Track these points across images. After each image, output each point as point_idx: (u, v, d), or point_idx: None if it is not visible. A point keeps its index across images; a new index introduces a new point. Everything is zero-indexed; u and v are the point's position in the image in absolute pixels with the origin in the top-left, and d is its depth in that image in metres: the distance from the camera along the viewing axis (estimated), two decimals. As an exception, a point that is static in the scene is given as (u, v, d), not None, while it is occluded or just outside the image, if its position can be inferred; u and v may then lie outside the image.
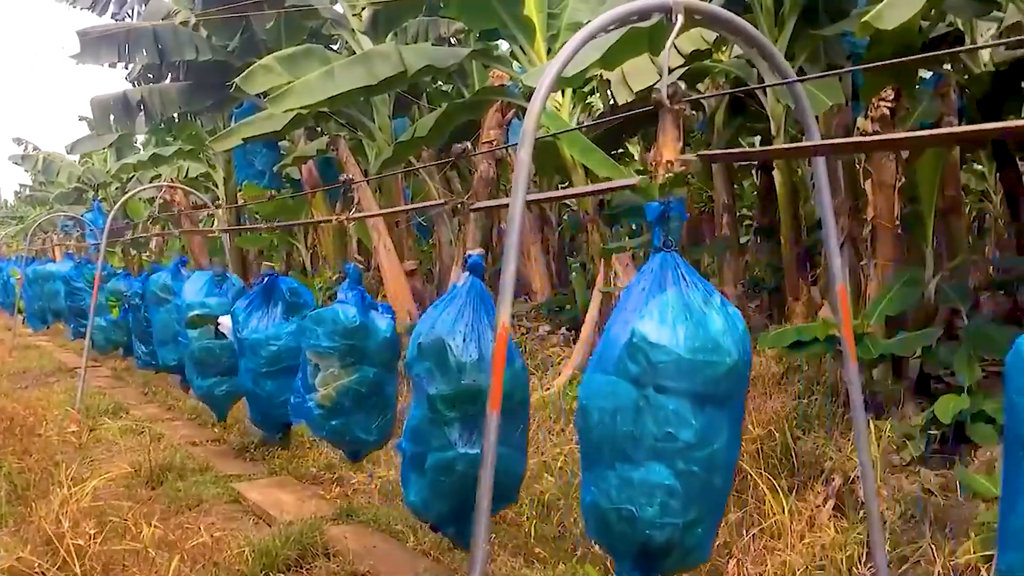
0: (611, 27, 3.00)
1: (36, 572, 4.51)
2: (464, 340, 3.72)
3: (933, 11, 6.27)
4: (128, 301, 9.79)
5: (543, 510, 5.45)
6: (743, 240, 12.65)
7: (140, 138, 19.70)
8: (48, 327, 16.14)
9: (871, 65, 4.50)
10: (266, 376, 5.92)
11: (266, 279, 6.01)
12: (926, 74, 7.81)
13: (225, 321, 6.49)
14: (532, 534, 5.22)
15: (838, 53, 6.98)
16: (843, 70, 6.38)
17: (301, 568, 4.89)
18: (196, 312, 7.03)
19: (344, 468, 6.68)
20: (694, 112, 10.76)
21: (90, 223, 16.78)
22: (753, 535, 4.64)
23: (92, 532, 4.70)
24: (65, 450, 7.07)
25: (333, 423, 5.02)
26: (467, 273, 3.91)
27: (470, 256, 3.99)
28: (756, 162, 10.95)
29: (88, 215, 18.13)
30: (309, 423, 5.16)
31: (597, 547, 4.44)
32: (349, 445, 5.28)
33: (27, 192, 37.90)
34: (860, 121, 6.45)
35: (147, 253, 19.05)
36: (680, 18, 2.96)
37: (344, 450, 5.47)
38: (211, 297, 7.19)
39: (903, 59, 3.22)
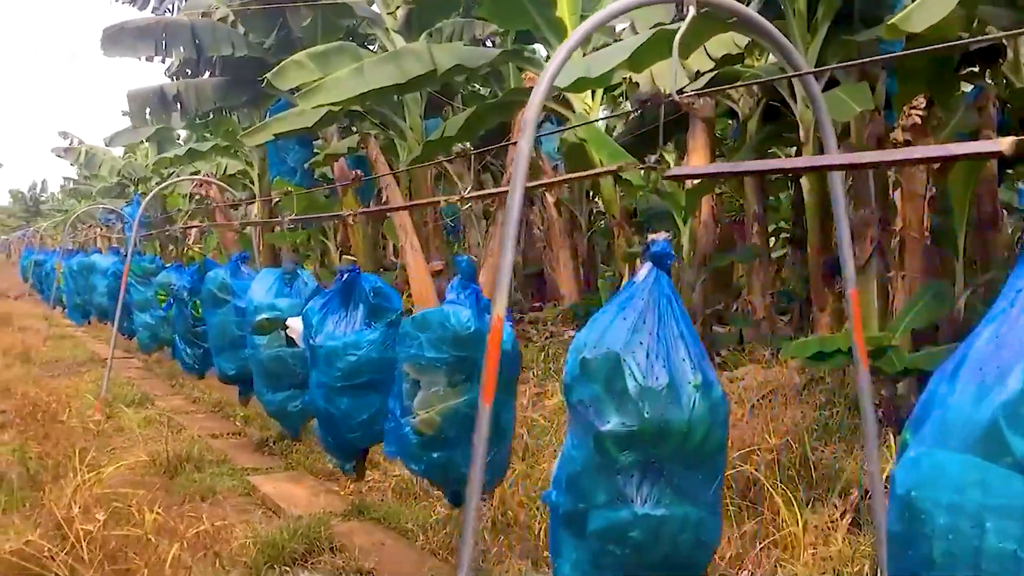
0: (620, 16, 2.95)
1: (44, 556, 4.53)
2: (648, 357, 2.84)
3: (976, 22, 6.16)
4: (174, 295, 8.80)
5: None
6: (780, 252, 12.53)
7: (183, 133, 19.97)
8: (89, 321, 15.46)
9: (876, 59, 4.38)
10: (341, 392, 4.87)
11: (345, 276, 4.96)
12: (967, 87, 7.68)
13: (295, 324, 5.57)
14: (542, 538, 5.16)
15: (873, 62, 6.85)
16: (845, 64, 6.23)
17: (306, 562, 4.87)
18: (264, 316, 6.05)
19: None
20: (729, 120, 10.70)
21: (129, 216, 16.97)
22: (764, 547, 4.56)
23: (102, 519, 4.72)
24: (86, 438, 7.13)
25: (434, 455, 4.12)
26: (649, 265, 2.99)
27: (653, 243, 3.03)
28: (789, 176, 10.83)
29: (127, 208, 18.36)
30: (403, 454, 4.28)
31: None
32: (451, 485, 4.31)
33: (71, 185, 38.59)
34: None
35: (184, 247, 19.29)
36: (692, 10, 2.90)
37: (444, 491, 4.55)
38: (281, 298, 6.16)
39: (898, 54, 3.11)
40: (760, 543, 4.60)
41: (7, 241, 48.98)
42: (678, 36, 2.95)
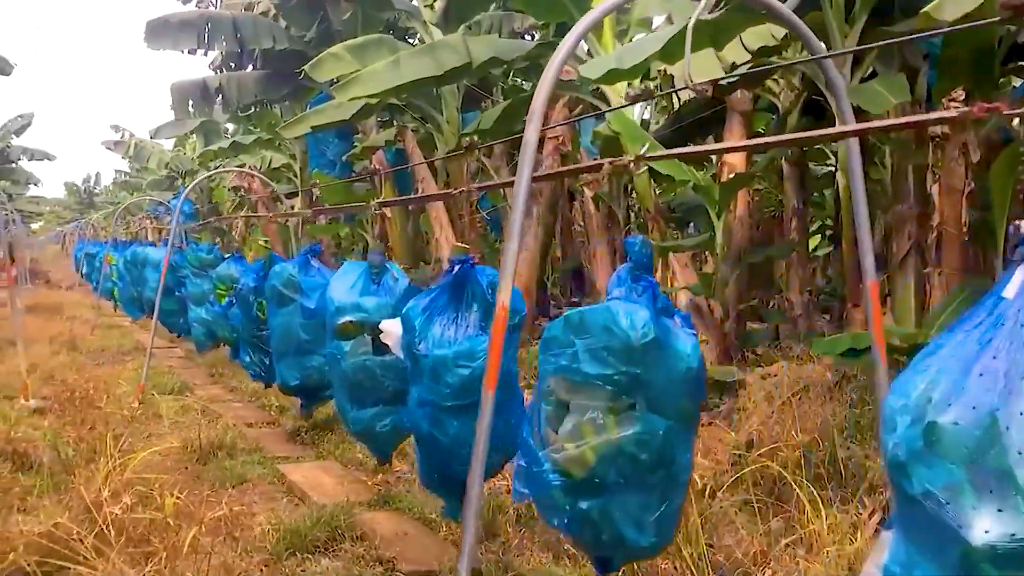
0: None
1: (72, 538, 4.61)
2: None
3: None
4: (237, 293, 7.93)
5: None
6: (827, 250, 12.35)
7: (230, 126, 20.23)
8: (146, 315, 14.27)
9: (878, 44, 4.28)
10: (452, 413, 3.90)
11: (456, 268, 4.01)
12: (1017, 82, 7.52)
13: (391, 328, 4.46)
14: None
15: (912, 52, 6.73)
16: (855, 49, 6.11)
17: (328, 550, 4.90)
18: (349, 318, 5.06)
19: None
20: (770, 114, 10.55)
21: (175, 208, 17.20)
22: (789, 545, 4.50)
23: (129, 503, 4.79)
24: (122, 424, 7.24)
25: (583, 506, 3.09)
26: None
27: None
28: (834, 167, 10.67)
29: (174, 201, 18.63)
30: (539, 500, 3.27)
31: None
32: (602, 547, 3.26)
33: (123, 178, 39.30)
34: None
35: (230, 240, 19.54)
36: (709, -5, 2.86)
37: (591, 553, 3.45)
38: (367, 296, 5.19)
39: (897, 40, 3.01)
40: (785, 541, 4.55)
41: (61, 232, 50.01)
42: (692, 20, 2.93)
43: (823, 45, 3.11)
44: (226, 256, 9.71)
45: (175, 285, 10.91)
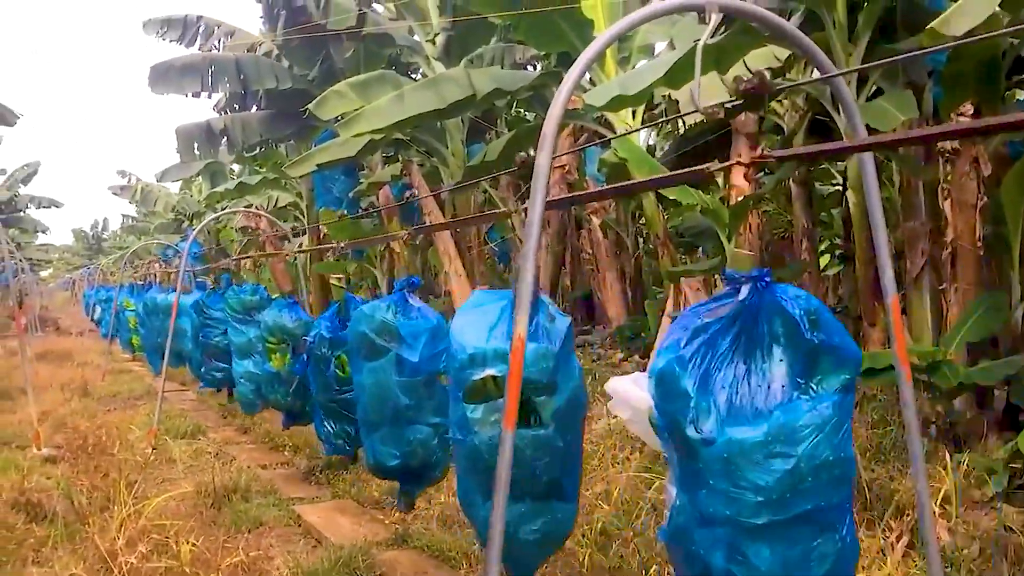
0: (638, 25, 2.89)
1: (88, 589, 4.56)
2: None
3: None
4: (308, 349, 6.29)
5: (601, 540, 5.28)
6: (836, 270, 12.28)
7: (236, 167, 20.32)
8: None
9: (891, 60, 4.24)
10: (765, 535, 2.53)
11: (745, 288, 2.70)
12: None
13: (625, 390, 3.19)
14: (588, 565, 5.06)
15: (917, 70, 6.70)
16: (864, 67, 6.08)
17: (347, 592, 4.82)
18: (489, 371, 3.43)
19: (406, 494, 6.60)
20: (775, 136, 10.54)
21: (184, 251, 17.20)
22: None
23: (145, 551, 4.73)
24: (135, 470, 7.18)
25: None
26: None
27: None
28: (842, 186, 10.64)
29: (182, 244, 18.66)
30: None
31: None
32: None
33: (130, 222, 39.51)
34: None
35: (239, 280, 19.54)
36: (715, 17, 2.84)
37: None
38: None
39: (906, 56, 2.96)
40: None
41: (70, 279, 50.21)
42: (701, 42, 2.89)
43: (831, 64, 3.08)
44: (274, 297, 8.00)
45: (201, 330, 9.70)
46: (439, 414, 4.75)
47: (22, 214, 34.48)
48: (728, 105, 3.06)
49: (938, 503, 4.74)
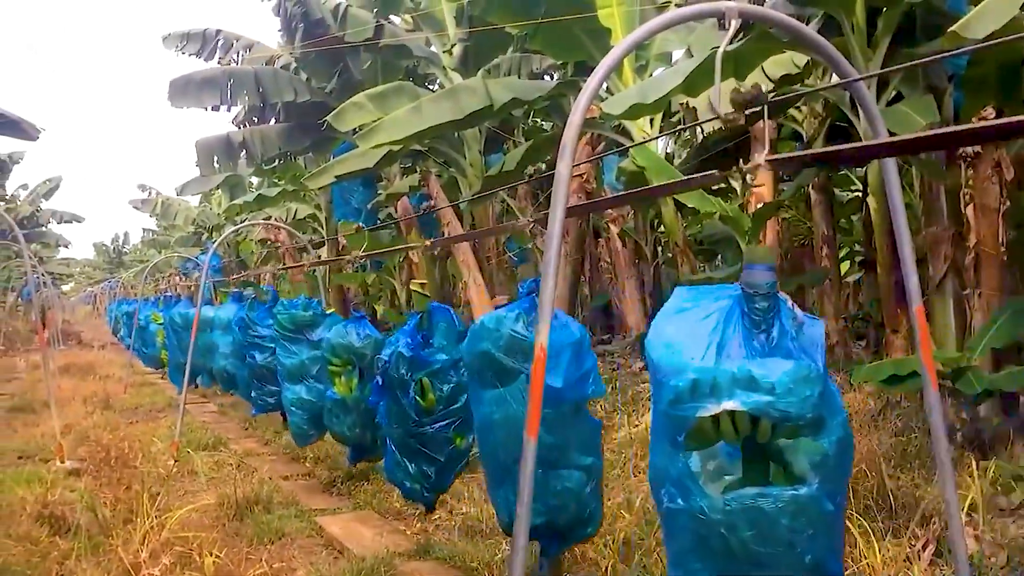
0: (656, 33, 2.88)
1: (113, 602, 4.57)
2: None
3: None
4: (383, 371, 5.20)
5: (623, 550, 5.25)
6: (856, 276, 12.22)
7: (254, 180, 20.44)
8: (196, 385, 11.96)
9: (914, 64, 4.22)
10: None
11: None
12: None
13: None
14: (611, 573, 5.03)
15: (937, 74, 6.66)
16: (886, 71, 6.04)
17: (370, 604, 4.81)
18: (727, 403, 2.48)
19: (427, 503, 6.58)
20: (793, 142, 10.50)
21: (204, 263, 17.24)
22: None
23: (169, 563, 4.74)
24: (157, 482, 7.21)
25: None
26: None
27: None
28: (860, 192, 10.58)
29: (202, 257, 18.75)
30: None
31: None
32: None
33: (151, 236, 39.77)
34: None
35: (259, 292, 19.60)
36: (734, 23, 2.83)
37: None
38: (771, 363, 2.54)
39: (927, 60, 2.92)
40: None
41: (92, 292, 50.55)
42: (721, 48, 2.88)
43: (852, 68, 3.06)
44: (328, 312, 7.19)
45: (248, 349, 8.38)
46: (590, 452, 3.82)
47: (44, 229, 34.77)
48: (748, 111, 3.02)
49: (964, 511, 4.68)
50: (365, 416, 6.24)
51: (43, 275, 18.86)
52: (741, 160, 3.05)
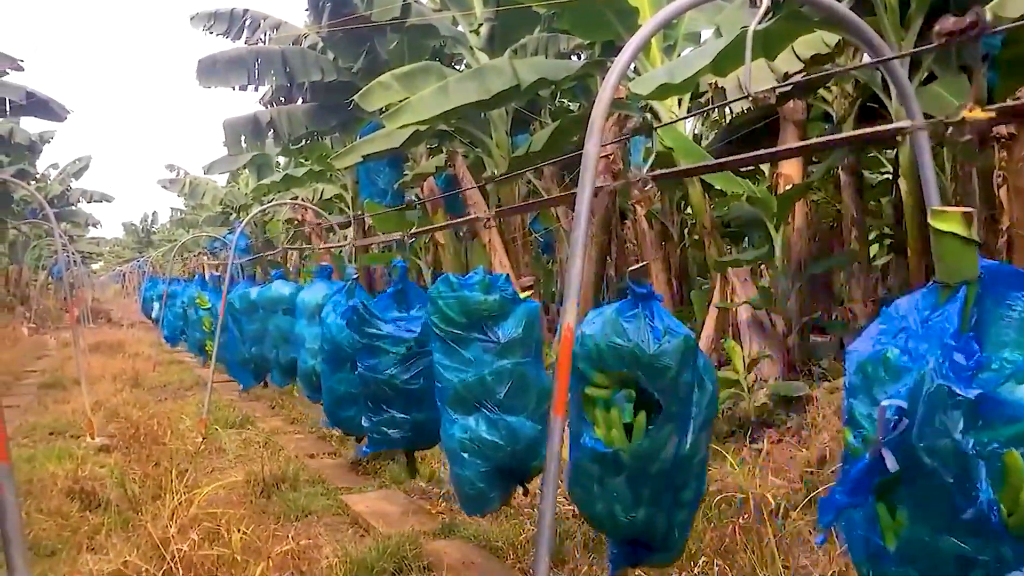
0: (685, 11, 2.85)
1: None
2: None
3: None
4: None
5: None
6: (886, 259, 12.08)
7: (281, 160, 20.51)
8: (264, 384, 10.16)
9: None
10: None
11: None
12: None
13: None
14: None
15: (971, 54, 6.56)
16: (918, 50, 5.94)
17: (395, 581, 4.84)
18: None
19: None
20: (823, 123, 10.40)
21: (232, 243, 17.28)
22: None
23: (197, 539, 4.79)
24: (186, 459, 7.29)
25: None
26: None
27: None
28: (890, 174, 10.47)
29: (229, 236, 18.85)
30: None
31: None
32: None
33: (179, 215, 40.05)
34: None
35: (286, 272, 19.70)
36: (765, 1, 2.80)
37: None
38: None
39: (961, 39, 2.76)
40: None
41: (121, 272, 51.01)
42: (751, 27, 2.84)
43: (886, 47, 3.01)
44: (522, 297, 4.37)
45: (360, 355, 5.13)
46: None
47: (74, 208, 35.03)
48: (778, 90, 2.99)
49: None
50: (658, 485, 3.12)
51: (73, 254, 19.00)
52: (782, 141, 3.00)
